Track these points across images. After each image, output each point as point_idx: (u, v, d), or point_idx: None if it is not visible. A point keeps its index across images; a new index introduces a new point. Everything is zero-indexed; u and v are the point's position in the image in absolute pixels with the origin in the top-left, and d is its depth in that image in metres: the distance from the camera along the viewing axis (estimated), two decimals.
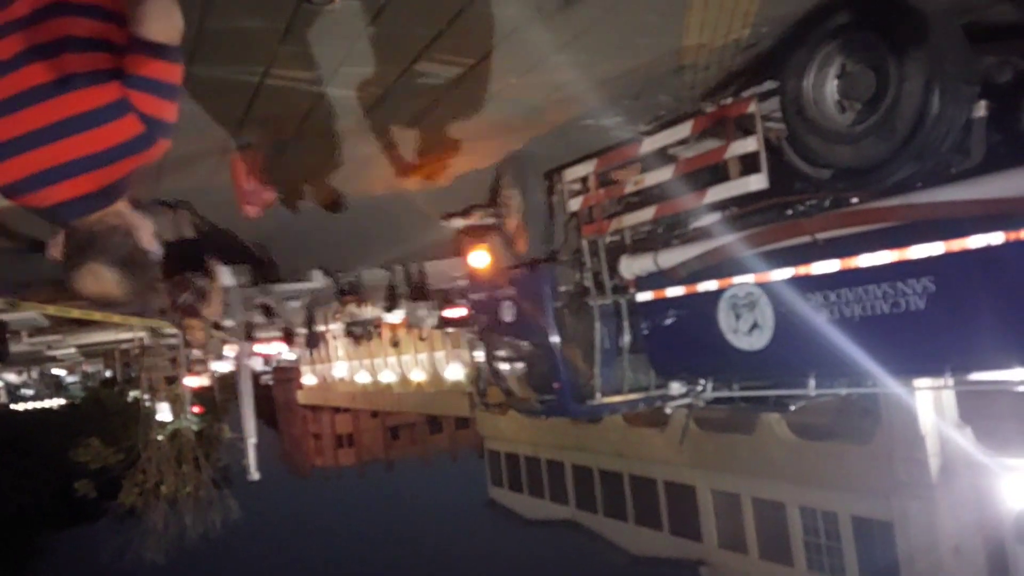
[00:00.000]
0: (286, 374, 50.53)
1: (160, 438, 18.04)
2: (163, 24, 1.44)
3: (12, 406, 36.04)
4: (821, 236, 3.79)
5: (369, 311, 13.89)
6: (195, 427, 18.71)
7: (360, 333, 14.70)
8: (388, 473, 44.66)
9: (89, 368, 38.80)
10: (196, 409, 19.60)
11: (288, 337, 15.57)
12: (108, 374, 38.66)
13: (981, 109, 3.34)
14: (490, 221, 5.90)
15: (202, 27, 3.35)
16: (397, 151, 5.49)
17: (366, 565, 29.42)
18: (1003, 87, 3.35)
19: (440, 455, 43.47)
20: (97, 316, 11.42)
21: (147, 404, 19.33)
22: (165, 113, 1.47)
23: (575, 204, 5.12)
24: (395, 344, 23.81)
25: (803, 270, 3.87)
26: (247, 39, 3.51)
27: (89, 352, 28.86)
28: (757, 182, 4.01)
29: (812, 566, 17.62)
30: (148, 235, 1.59)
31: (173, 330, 14.74)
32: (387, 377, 37.77)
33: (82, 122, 1.38)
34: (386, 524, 33.41)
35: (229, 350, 17.83)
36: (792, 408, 4.72)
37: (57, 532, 27.81)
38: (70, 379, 41.90)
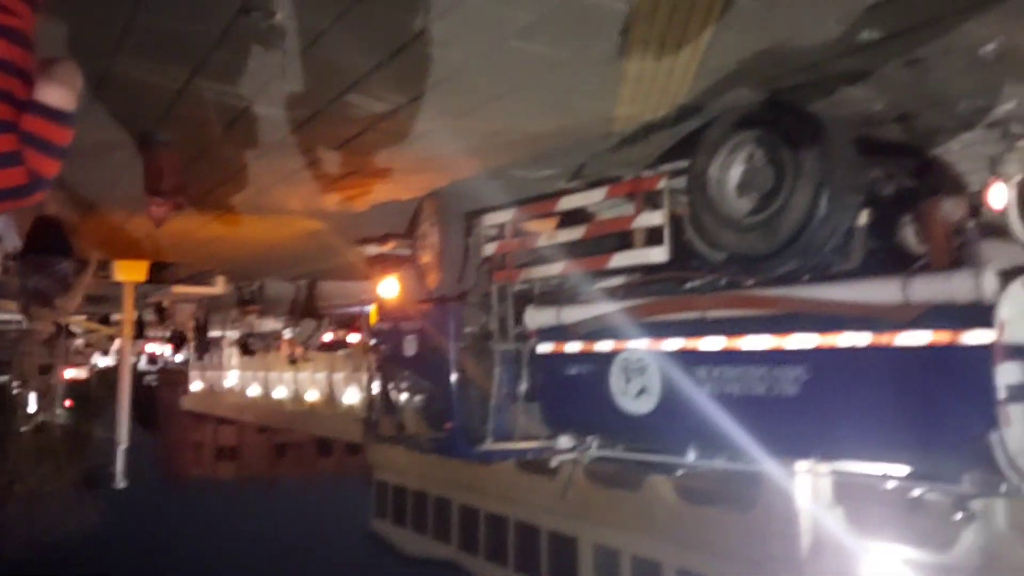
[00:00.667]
0: (172, 377, 48.45)
1: (23, 430, 16.91)
2: (63, 92, 1.60)
3: None
4: (710, 314, 3.99)
5: (269, 324, 13.55)
6: (63, 421, 17.65)
7: (257, 346, 14.30)
8: (269, 492, 43.05)
9: None
10: (67, 403, 18.54)
11: (178, 340, 14.98)
12: None
13: (864, 217, 3.60)
14: (405, 252, 5.93)
15: (132, 22, 3.24)
16: (319, 171, 5.42)
17: None
18: (886, 200, 3.65)
19: (326, 479, 42.27)
20: None
21: (15, 392, 18.15)
22: (50, 170, 1.63)
23: (490, 249, 5.24)
24: (292, 361, 23.22)
25: (690, 344, 4.04)
26: (179, 40, 3.42)
27: None
28: (658, 254, 4.23)
29: None
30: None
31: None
32: (280, 393, 36.70)
33: None
34: (261, 547, 32.10)
35: (114, 345, 17.00)
36: (679, 472, 4.79)
37: None
38: None
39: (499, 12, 3.17)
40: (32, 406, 17.07)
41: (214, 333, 19.88)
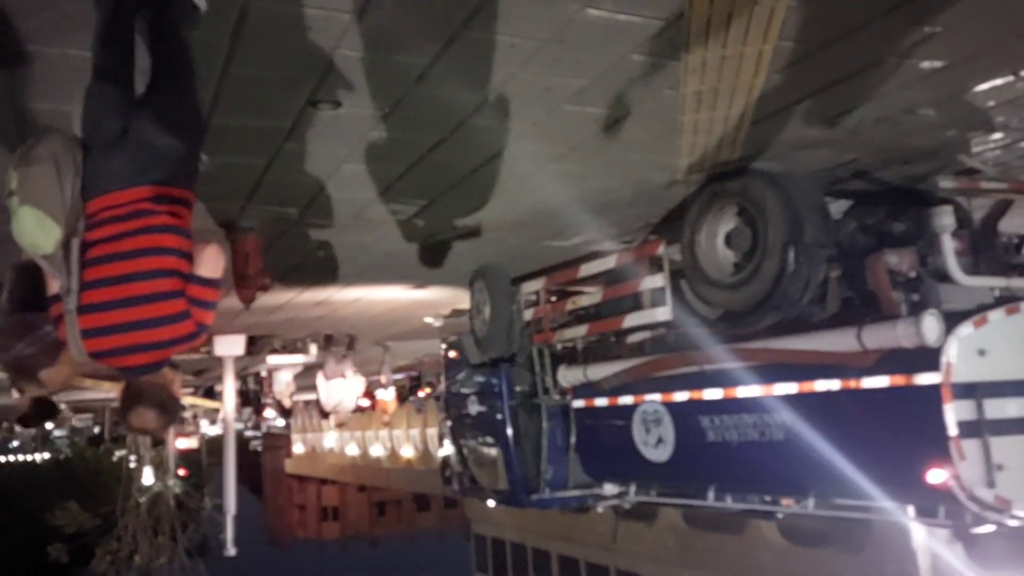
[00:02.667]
0: (276, 441, 49.92)
1: (141, 501, 17.66)
2: (213, 267, 2.25)
3: None
4: (707, 368, 4.34)
5: (360, 383, 13.87)
6: (177, 490, 18.35)
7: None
8: (372, 549, 43.49)
9: (78, 423, 38.34)
10: (181, 472, 19.28)
11: (279, 406, 15.49)
12: (96, 431, 38.18)
13: (836, 269, 3.87)
14: (465, 321, 6.45)
15: (207, 119, 3.51)
16: (387, 245, 5.68)
17: None
18: (858, 250, 3.87)
19: (426, 534, 42.42)
20: (89, 382, 11.39)
21: (131, 465, 19.04)
22: (208, 320, 2.26)
23: (528, 314, 5.71)
24: (386, 423, 23.62)
25: (694, 396, 4.43)
26: (253, 134, 3.67)
27: (79, 407, 28.60)
28: (662, 314, 4.63)
29: None
30: (178, 388, 2.39)
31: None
32: (377, 451, 37.29)
33: (158, 321, 2.17)
34: None
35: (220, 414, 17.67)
36: (779, 515, 4.86)
37: None
38: (57, 433, 41.33)
39: (551, 80, 3.29)
40: (149, 477, 17.77)
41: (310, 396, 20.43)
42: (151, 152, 2.21)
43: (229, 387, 11.17)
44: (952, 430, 3.27)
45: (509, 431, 5.49)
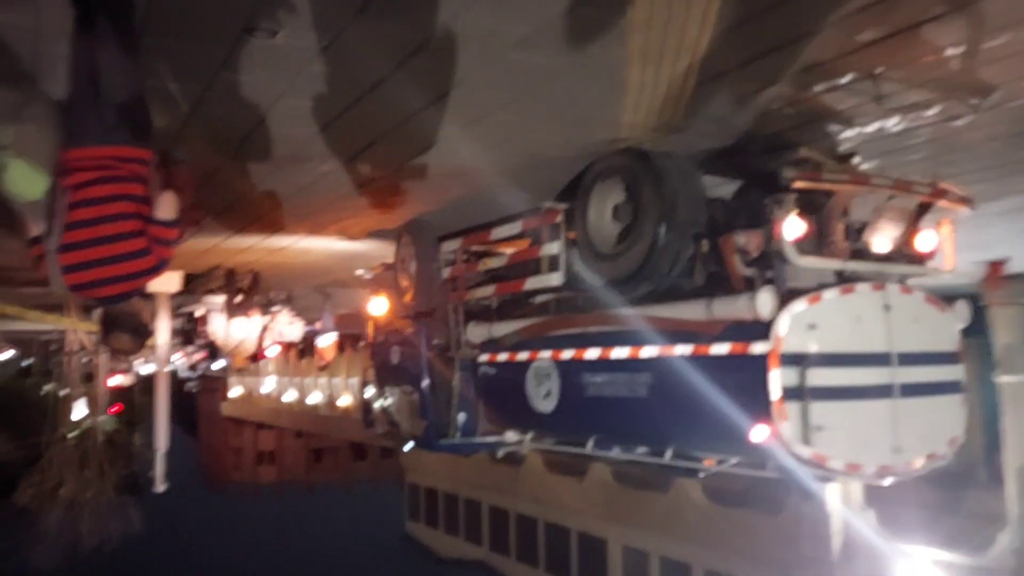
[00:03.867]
0: (212, 383, 49.27)
1: (70, 436, 17.31)
2: (169, 210, 2.68)
3: None
4: (590, 330, 4.76)
5: (299, 327, 13.78)
6: (108, 427, 18.02)
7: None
8: (307, 495, 43.60)
9: (6, 355, 37.17)
10: (114, 408, 18.93)
11: (212, 348, 15.28)
12: (24, 363, 37.11)
13: (704, 245, 4.22)
14: (390, 276, 6.79)
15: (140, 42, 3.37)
16: (328, 189, 5.59)
17: None
18: (720, 230, 4.20)
19: (361, 482, 42.68)
20: (11, 311, 11.06)
21: (61, 398, 18.61)
22: (168, 255, 2.67)
23: (446, 272, 5.99)
24: (323, 368, 23.50)
25: (576, 354, 4.81)
26: (187, 60, 3.54)
27: (10, 339, 27.72)
28: (556, 279, 4.92)
29: None
30: (147, 316, 2.90)
31: (95, 328, 14.30)
32: (315, 398, 37.14)
33: (126, 256, 2.58)
34: (299, 548, 32.54)
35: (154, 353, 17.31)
36: (701, 475, 4.99)
37: None
38: None
39: (495, 24, 3.25)
40: (80, 412, 17.44)
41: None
42: (117, 116, 2.61)
43: (163, 325, 10.94)
44: (776, 394, 3.68)
45: (425, 381, 5.84)
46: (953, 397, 4.30)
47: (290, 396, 40.23)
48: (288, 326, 13.87)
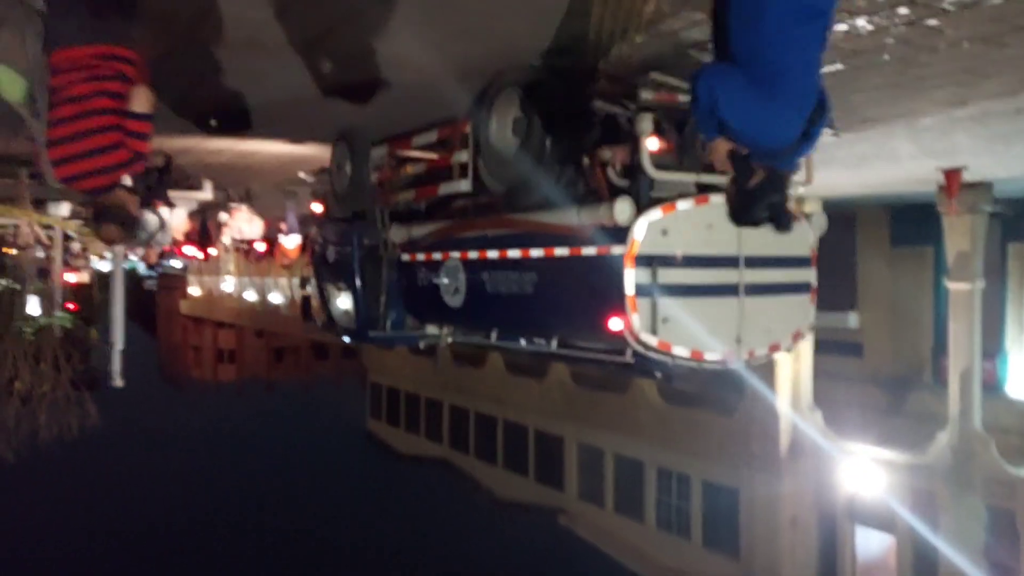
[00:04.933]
0: (171, 282, 48.77)
1: (25, 331, 17.07)
2: (142, 104, 2.78)
3: None
4: (490, 232, 5.18)
5: (259, 225, 13.56)
6: (65, 324, 17.79)
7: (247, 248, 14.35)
8: (268, 394, 43.99)
9: None
10: (70, 306, 18.64)
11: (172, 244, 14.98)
12: None
13: (584, 159, 4.60)
14: (328, 179, 7.10)
15: None
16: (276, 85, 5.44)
17: (232, 484, 29.11)
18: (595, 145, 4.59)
19: (323, 381, 43.15)
20: None
21: (14, 295, 18.24)
22: (143, 148, 2.82)
23: (375, 177, 6.33)
24: (287, 267, 23.32)
25: (479, 255, 5.25)
26: None
27: None
28: (464, 185, 5.35)
29: (661, 524, 18.67)
30: (134, 207, 2.91)
31: (50, 222, 13.89)
32: (276, 298, 37.02)
33: (103, 149, 2.73)
34: (260, 445, 33.06)
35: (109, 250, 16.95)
36: (658, 375, 5.28)
37: None
38: None
39: None
40: (34, 308, 17.16)
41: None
42: (96, 16, 2.73)
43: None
44: (629, 291, 4.18)
45: (357, 279, 6.31)
46: (801, 297, 4.81)
47: (251, 295, 40.09)
48: (247, 224, 13.63)
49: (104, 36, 2.75)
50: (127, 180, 2.87)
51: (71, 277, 18.46)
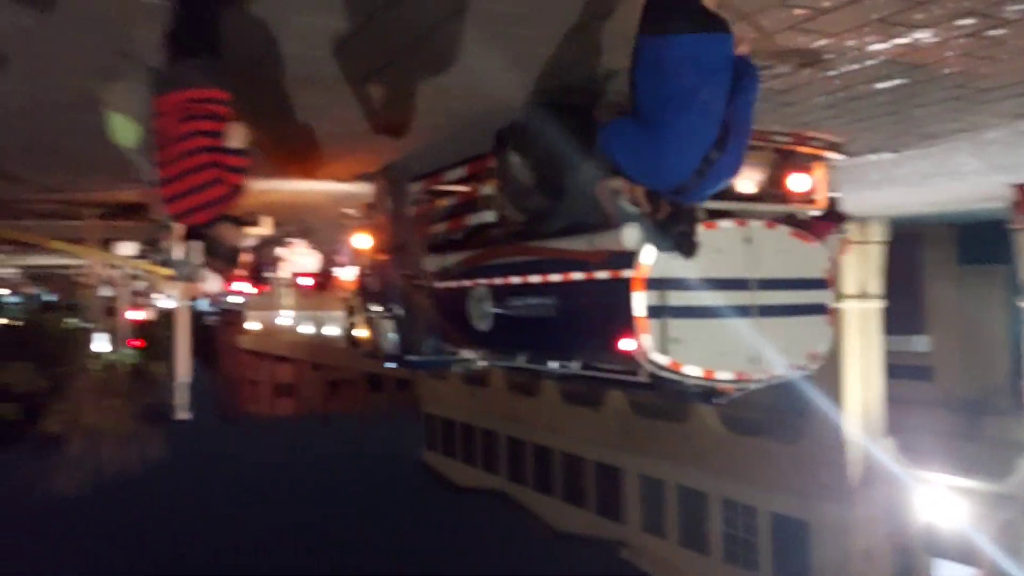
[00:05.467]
0: (230, 317, 49.84)
1: (95, 369, 17.65)
2: (236, 139, 2.96)
3: None
4: (513, 259, 5.42)
5: (315, 259, 13.77)
6: (130, 361, 18.35)
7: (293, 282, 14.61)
8: (325, 427, 44.46)
9: (33, 290, 37.77)
10: (136, 343, 19.24)
11: (230, 280, 15.32)
12: (50, 298, 37.68)
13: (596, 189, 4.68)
14: (371, 214, 7.57)
15: None
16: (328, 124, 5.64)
17: (291, 515, 29.35)
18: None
19: (378, 414, 43.42)
20: (35, 239, 11.10)
21: (84, 332, 18.88)
22: (239, 182, 2.97)
23: (412, 211, 6.69)
24: (344, 299, 23.65)
25: (504, 281, 5.51)
26: None
27: (34, 275, 28.06)
28: (490, 216, 5.64)
29: (728, 557, 18.12)
30: (237, 239, 3.17)
31: (116, 261, 14.36)
32: (331, 330, 37.51)
33: (203, 186, 2.89)
34: (317, 477, 33.35)
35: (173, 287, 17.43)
36: (714, 401, 5.29)
37: None
38: (11, 299, 40.75)
39: None
40: (102, 345, 17.75)
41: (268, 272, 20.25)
42: (190, 62, 2.95)
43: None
44: (640, 312, 4.37)
45: (398, 308, 6.69)
46: (817, 318, 4.93)
47: (307, 329, 40.72)
48: (304, 258, 13.86)
49: (196, 80, 2.93)
50: (230, 212, 3.05)
51: (136, 315, 19.04)
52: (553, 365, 5.27)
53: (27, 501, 16.97)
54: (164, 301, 24.22)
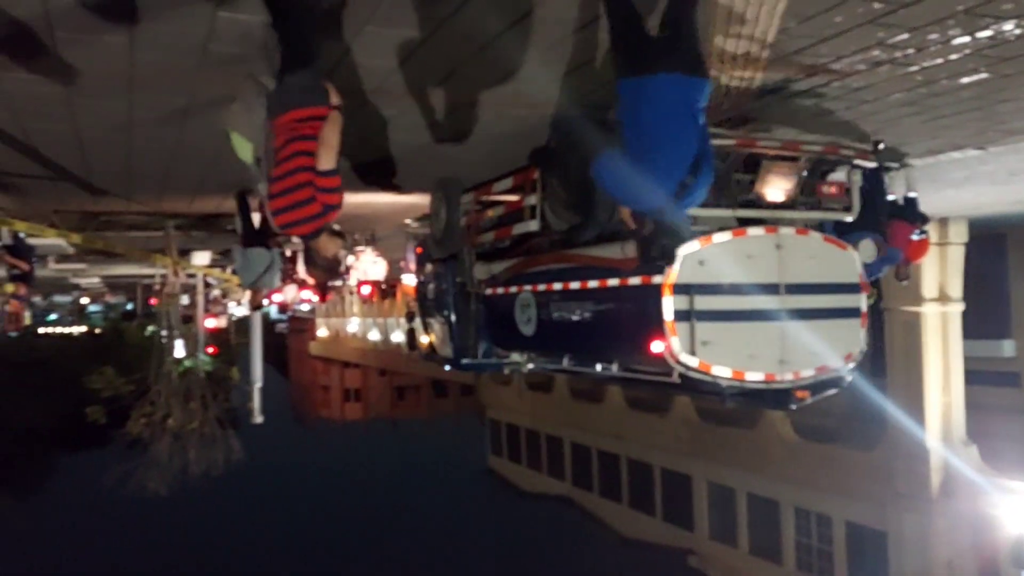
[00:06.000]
0: (301, 324, 51.08)
1: (172, 374, 18.30)
2: (328, 160, 3.09)
3: (38, 330, 36.59)
4: (555, 266, 5.67)
5: (383, 266, 14.01)
6: (206, 367, 18.96)
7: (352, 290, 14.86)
8: (392, 432, 45.10)
9: (112, 299, 39.44)
10: (210, 350, 19.84)
11: (301, 287, 15.72)
12: (130, 307, 39.28)
13: None
14: (427, 224, 7.88)
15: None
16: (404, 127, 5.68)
17: (360, 518, 29.86)
18: None
19: (443, 419, 43.82)
20: (120, 249, 11.58)
21: (163, 340, 19.56)
22: (332, 200, 3.14)
23: (464, 221, 6.91)
24: (407, 307, 23.98)
25: (546, 287, 5.74)
26: None
27: (113, 284, 29.31)
28: (533, 225, 5.84)
29: (802, 567, 17.65)
30: (335, 251, 3.36)
31: (192, 270, 14.89)
32: (398, 337, 37.99)
33: (301, 203, 3.10)
34: (385, 480, 33.83)
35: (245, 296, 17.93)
36: (792, 407, 5.28)
37: (68, 453, 28.44)
38: (93, 308, 42.60)
39: None
40: (180, 352, 18.38)
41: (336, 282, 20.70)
42: (296, 84, 3.11)
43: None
44: (669, 316, 4.56)
45: (451, 313, 6.95)
46: (851, 321, 5.07)
47: (374, 335, 41.40)
48: (372, 265, 14.10)
49: (303, 99, 3.10)
50: (333, 226, 3.24)
51: (211, 322, 19.63)
52: (595, 367, 5.50)
53: (119, 499, 17.68)
54: (236, 309, 24.99)
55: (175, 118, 5.50)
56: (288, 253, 14.93)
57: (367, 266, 14.35)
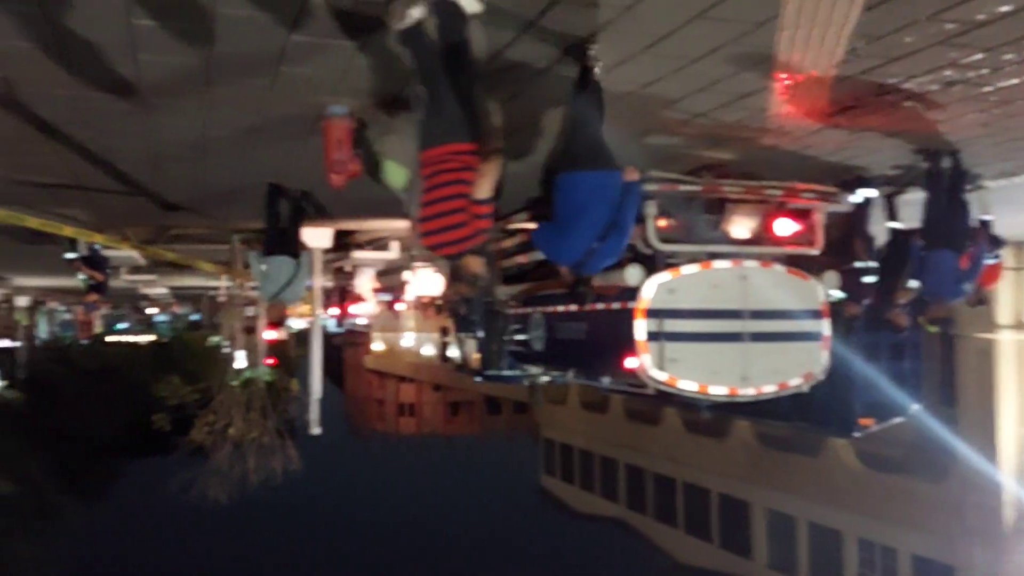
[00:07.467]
0: (357, 338, 51.70)
1: (234, 384, 18.74)
2: (483, 190, 3.42)
3: (106, 338, 37.88)
4: (556, 291, 6.26)
5: (439, 283, 14.14)
6: (267, 378, 19.36)
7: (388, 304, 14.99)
8: (447, 447, 45.17)
9: (179, 310, 40.62)
10: (270, 361, 20.27)
11: (359, 302, 15.95)
12: (195, 317, 40.41)
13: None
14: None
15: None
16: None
17: (413, 533, 29.95)
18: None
19: (496, 436, 43.71)
20: (188, 260, 11.94)
21: (226, 350, 20.09)
22: (482, 225, 3.46)
23: (492, 246, 7.43)
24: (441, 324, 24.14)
25: (551, 308, 6.58)
26: (345, 15, 3.59)
27: (180, 295, 30.23)
28: (540, 253, 6.30)
29: None
30: (478, 268, 3.61)
31: (252, 282, 15.23)
32: (452, 352, 38.12)
33: (451, 227, 3.44)
34: (438, 496, 33.87)
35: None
36: (857, 435, 6.01)
37: (133, 459, 29.25)
38: (160, 318, 43.91)
39: None
40: (241, 362, 18.83)
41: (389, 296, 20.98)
42: (449, 122, 3.43)
43: (316, 278, 11.47)
44: (640, 337, 5.31)
45: (480, 329, 7.75)
46: (812, 343, 5.69)
47: (428, 350, 41.66)
48: (429, 281, 14.24)
49: (456, 136, 3.42)
50: (477, 246, 3.55)
51: (272, 334, 20.07)
52: (595, 380, 6.35)
53: (182, 506, 18.12)
54: (294, 322, 25.47)
55: (246, 137, 5.68)
56: (348, 269, 15.14)
57: (424, 282, 14.51)
